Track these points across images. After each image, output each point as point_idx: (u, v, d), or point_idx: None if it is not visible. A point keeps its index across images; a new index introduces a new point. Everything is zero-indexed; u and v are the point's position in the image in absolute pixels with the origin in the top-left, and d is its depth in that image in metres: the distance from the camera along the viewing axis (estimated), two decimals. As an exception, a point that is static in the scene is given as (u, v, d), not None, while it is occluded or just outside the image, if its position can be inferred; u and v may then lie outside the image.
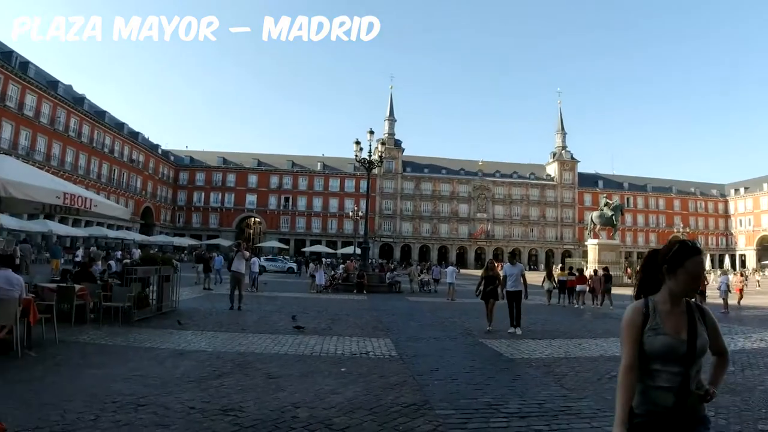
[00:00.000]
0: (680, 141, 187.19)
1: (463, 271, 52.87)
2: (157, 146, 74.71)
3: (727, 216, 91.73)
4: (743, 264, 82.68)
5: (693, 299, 2.25)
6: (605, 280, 18.92)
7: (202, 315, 12.50)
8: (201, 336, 9.31)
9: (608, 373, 6.92)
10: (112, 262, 19.92)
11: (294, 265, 44.06)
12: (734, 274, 26.29)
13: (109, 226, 53.63)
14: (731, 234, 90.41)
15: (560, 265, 34.25)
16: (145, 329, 9.69)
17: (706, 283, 17.96)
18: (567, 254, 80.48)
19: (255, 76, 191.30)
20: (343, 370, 6.72)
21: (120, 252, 34.25)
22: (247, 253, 14.84)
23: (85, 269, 12.42)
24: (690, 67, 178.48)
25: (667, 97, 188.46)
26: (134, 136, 65.55)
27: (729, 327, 12.89)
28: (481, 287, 11.53)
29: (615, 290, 30.90)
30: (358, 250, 67.14)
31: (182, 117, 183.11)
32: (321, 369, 6.75)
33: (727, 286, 17.82)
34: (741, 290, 18.96)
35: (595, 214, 42.03)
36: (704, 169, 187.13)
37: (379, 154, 24.25)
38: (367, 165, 24.53)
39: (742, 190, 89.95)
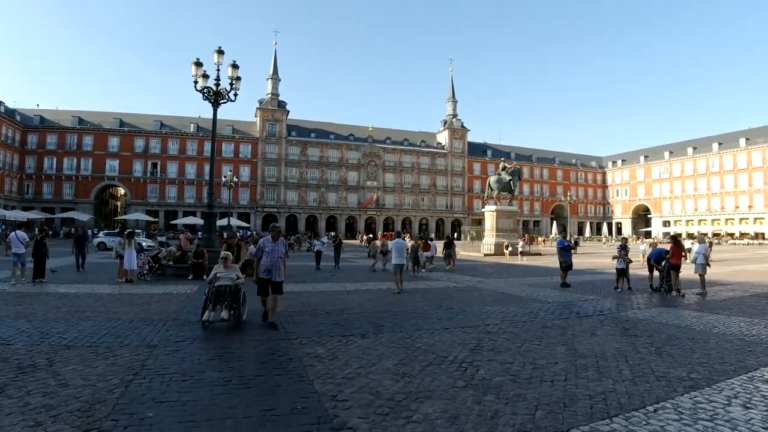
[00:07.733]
0: (564, 115, 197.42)
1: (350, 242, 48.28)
2: (-1, 104, 62.72)
3: (605, 186, 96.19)
4: (619, 231, 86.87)
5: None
6: (446, 246, 22.46)
7: None
8: None
9: None
10: None
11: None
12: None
13: None
14: (608, 203, 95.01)
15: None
16: None
17: (683, 255, 13.28)
18: (457, 223, 79.76)
19: (114, 30, 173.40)
20: None
21: None
22: None
23: None
24: (577, 48, 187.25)
25: (555, 73, 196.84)
26: (-37, 91, 53.53)
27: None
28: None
29: (519, 260, 27.38)
30: (240, 222, 61.67)
31: (32, 72, 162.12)
32: None
33: (705, 258, 13.46)
34: None
35: (492, 178, 39.24)
36: (585, 142, 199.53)
37: (230, 80, 18.48)
38: (213, 96, 18.64)
39: (619, 162, 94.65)
